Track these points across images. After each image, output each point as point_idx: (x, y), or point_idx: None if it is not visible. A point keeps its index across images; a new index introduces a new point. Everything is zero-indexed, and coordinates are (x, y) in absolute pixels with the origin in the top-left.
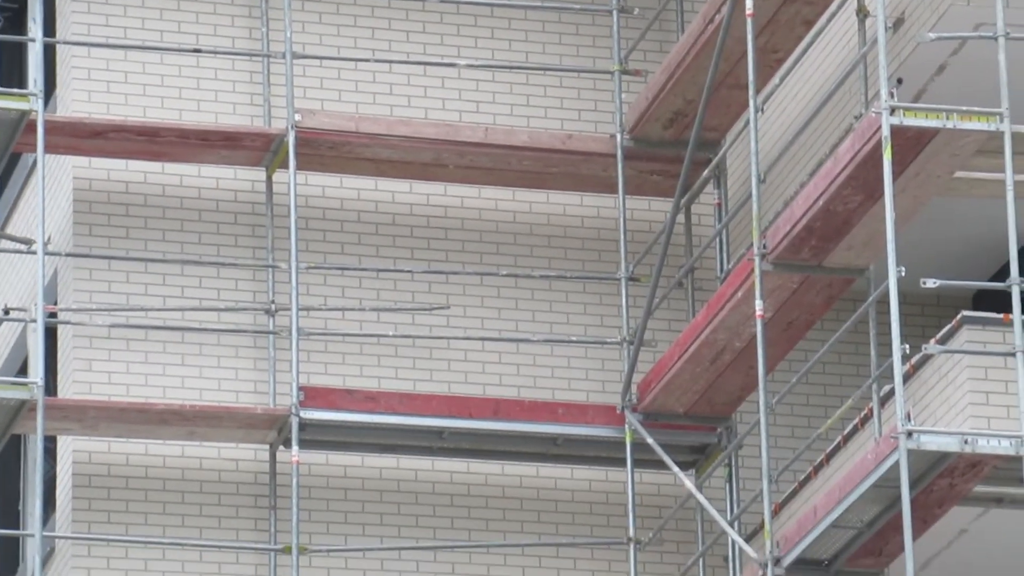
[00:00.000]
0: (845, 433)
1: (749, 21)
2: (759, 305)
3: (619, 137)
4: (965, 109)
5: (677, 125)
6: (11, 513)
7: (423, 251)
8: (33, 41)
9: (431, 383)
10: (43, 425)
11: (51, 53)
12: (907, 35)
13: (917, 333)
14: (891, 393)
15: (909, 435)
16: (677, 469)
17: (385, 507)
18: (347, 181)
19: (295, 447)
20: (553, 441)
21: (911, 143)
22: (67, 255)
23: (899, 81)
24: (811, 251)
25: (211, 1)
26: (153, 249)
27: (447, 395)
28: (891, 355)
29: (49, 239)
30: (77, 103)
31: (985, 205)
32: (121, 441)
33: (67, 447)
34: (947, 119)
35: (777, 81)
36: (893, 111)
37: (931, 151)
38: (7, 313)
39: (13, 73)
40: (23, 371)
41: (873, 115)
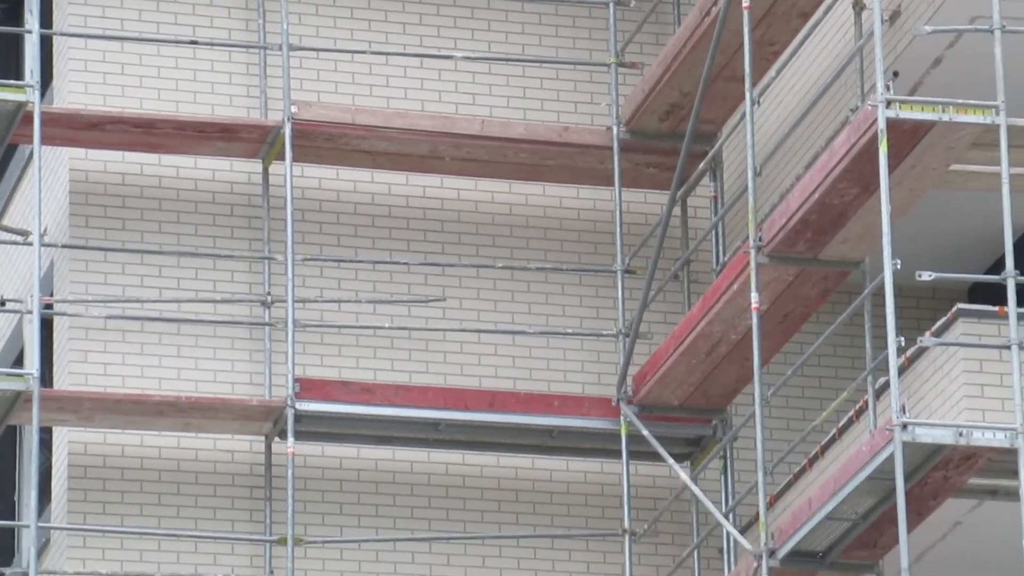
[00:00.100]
0: (840, 425)
1: (745, 13)
2: (755, 298)
3: (615, 129)
4: (961, 102)
5: (673, 118)
6: (7, 504)
7: (419, 243)
8: (30, 32)
9: (427, 375)
10: (39, 416)
11: (48, 44)
12: (903, 28)
13: (912, 326)
14: (886, 385)
15: (904, 427)
16: (672, 461)
17: (380, 498)
18: (343, 173)
19: (291, 438)
20: (549, 433)
21: (907, 136)
22: (63, 246)
23: (895, 74)
24: (807, 244)
25: None
26: (149, 241)
27: (443, 387)
28: (886, 348)
29: (45, 230)
30: (74, 95)
31: (981, 198)
32: (117, 432)
33: (63, 438)
34: (943, 112)
35: (773, 74)
36: (889, 104)
37: (927, 144)
38: (3, 304)
39: (10, 64)
40: (19, 362)
41: (869, 108)
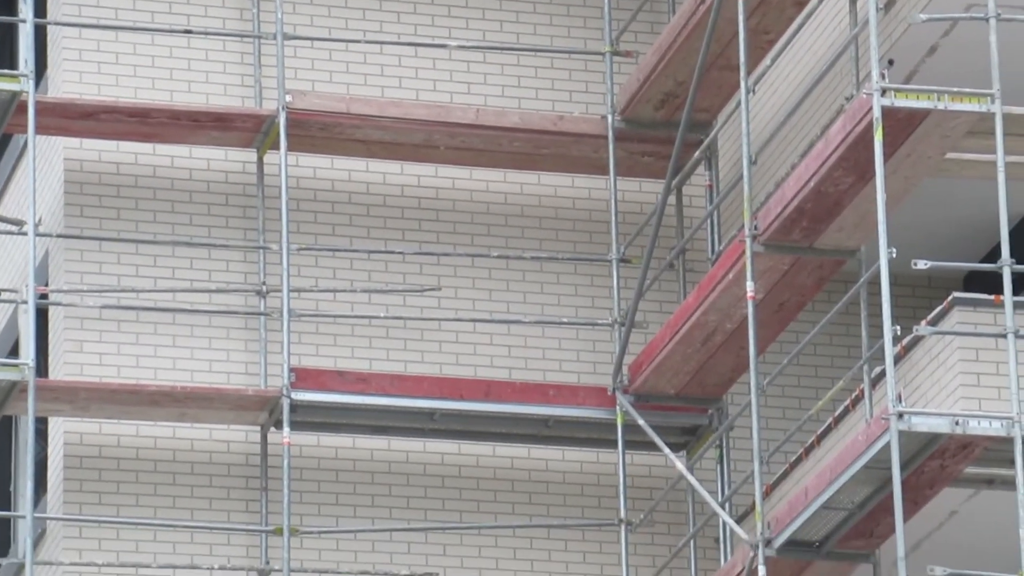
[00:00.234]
0: (836, 414)
1: (740, 2)
2: (750, 286)
3: (610, 118)
4: (956, 90)
5: (668, 106)
6: (3, 495)
7: (414, 232)
8: (24, 22)
9: (422, 364)
10: (34, 406)
11: (42, 34)
12: (898, 16)
13: (908, 314)
14: (882, 374)
15: (900, 416)
16: (668, 450)
17: (376, 488)
18: (338, 162)
19: (286, 428)
20: (544, 423)
21: (902, 124)
22: (58, 236)
23: (890, 62)
24: (802, 232)
25: None
26: (144, 230)
27: (438, 376)
28: (882, 336)
29: (40, 220)
30: (68, 84)
31: (976, 186)
32: (112, 422)
33: (58, 428)
34: (938, 100)
35: (768, 62)
36: (884, 92)
37: (922, 132)
38: None
39: (4, 54)
40: (14, 352)
41: (864, 96)
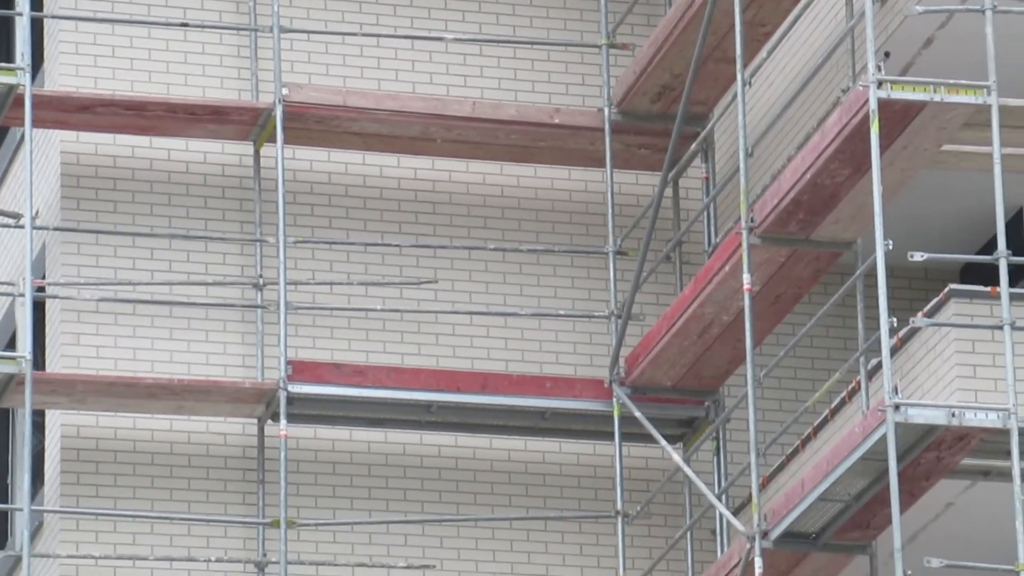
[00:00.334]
0: (833, 406)
1: None
2: (747, 279)
3: (607, 111)
4: (952, 82)
5: (665, 99)
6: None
7: (411, 225)
8: (20, 15)
9: (419, 357)
10: (31, 399)
11: (39, 27)
12: (894, 8)
13: (904, 306)
14: (879, 366)
15: (897, 408)
16: (665, 442)
17: (373, 481)
18: (335, 155)
19: (283, 421)
20: (541, 415)
21: (898, 116)
22: (55, 229)
23: (886, 54)
24: (799, 224)
25: None
26: (141, 223)
27: (435, 369)
28: (878, 328)
29: (37, 213)
30: (65, 77)
31: (972, 178)
32: (109, 415)
33: (55, 421)
34: (934, 92)
35: (764, 55)
36: (880, 84)
37: (918, 124)
38: None
39: (0, 47)
40: (11, 345)
41: (860, 88)
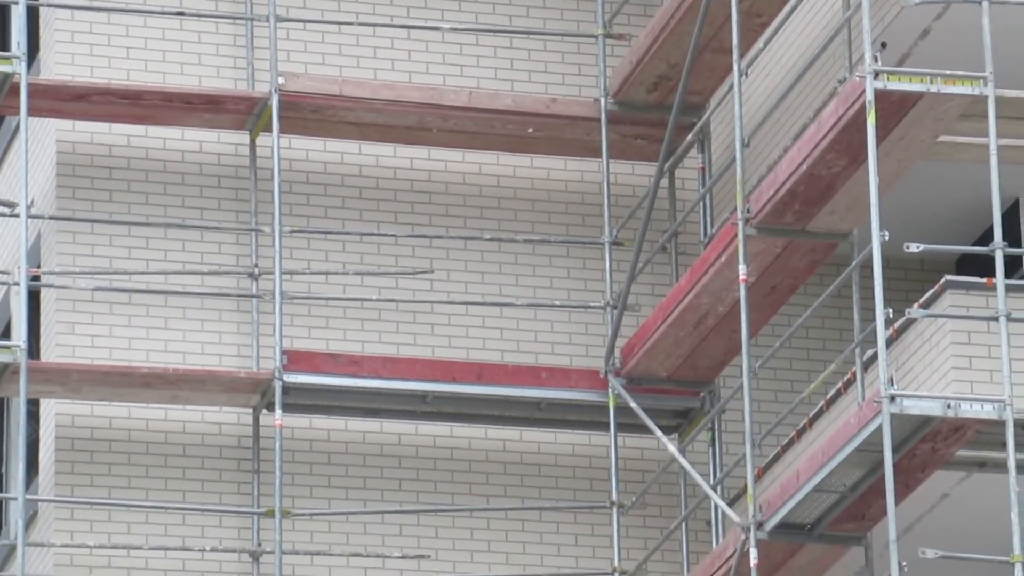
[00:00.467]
0: (828, 397)
1: None
2: (743, 269)
3: (603, 101)
4: (949, 73)
5: (661, 89)
6: None
7: (407, 215)
8: (16, 3)
9: (415, 347)
10: (26, 388)
11: (34, 15)
12: None
13: (900, 297)
14: (874, 357)
15: (892, 399)
16: (660, 433)
17: (368, 471)
18: (331, 145)
19: (278, 411)
20: (536, 405)
21: (895, 107)
22: (50, 218)
23: (883, 45)
24: (795, 215)
25: None
26: (136, 212)
27: (430, 359)
28: (874, 319)
29: (32, 202)
30: (60, 66)
31: (969, 169)
32: (104, 404)
33: (50, 410)
34: (931, 83)
35: (761, 45)
36: (877, 75)
37: (915, 115)
38: None
39: None
40: (6, 334)
41: (857, 79)
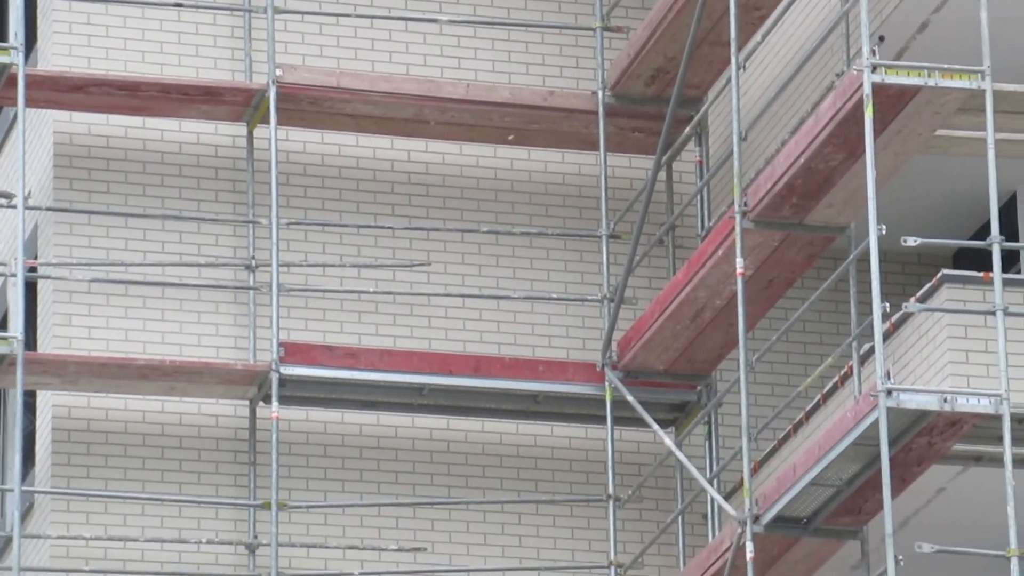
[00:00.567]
0: (825, 391)
1: None
2: (740, 263)
3: (600, 94)
4: (947, 67)
5: (659, 82)
6: None
7: (404, 207)
8: None
9: (411, 340)
10: (22, 379)
11: (32, 6)
12: None
13: (897, 291)
14: (871, 351)
15: (889, 393)
16: (657, 426)
17: (365, 463)
18: (328, 137)
19: (275, 403)
20: (533, 398)
21: (893, 101)
22: (47, 209)
23: (881, 39)
24: (792, 209)
25: None
26: (133, 204)
27: (427, 352)
28: (871, 313)
29: (29, 193)
30: (58, 57)
31: (966, 163)
32: (101, 396)
33: (47, 402)
34: (929, 77)
35: (759, 38)
36: (875, 69)
37: (912, 109)
38: None
39: None
40: (3, 325)
41: (855, 73)
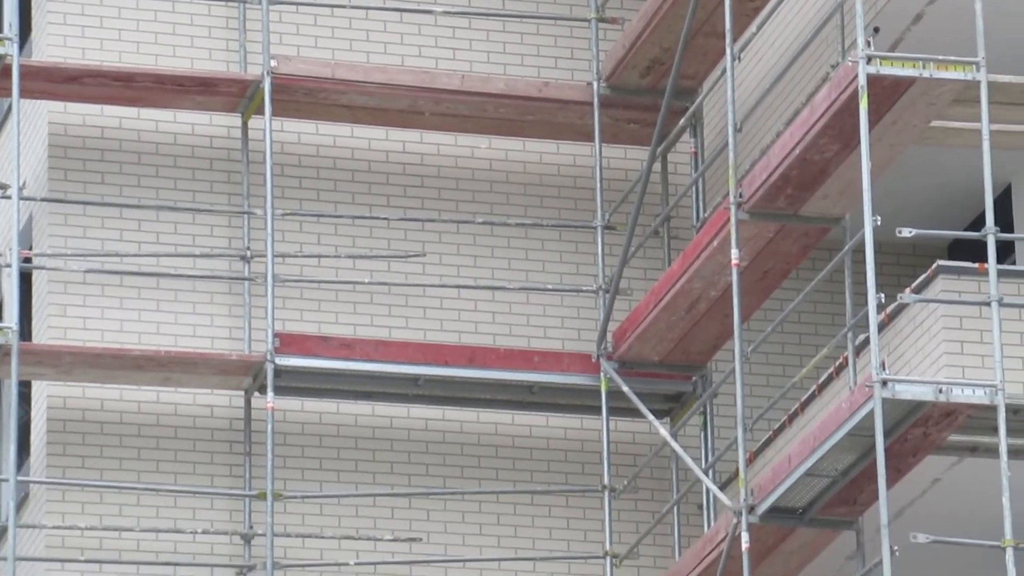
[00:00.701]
0: (820, 382)
1: None
2: (735, 254)
3: (595, 85)
4: (941, 58)
5: (654, 73)
6: None
7: (399, 198)
8: None
9: (406, 330)
10: (18, 370)
11: None
12: None
13: (892, 282)
14: (866, 342)
15: (884, 384)
16: (652, 417)
17: (360, 454)
18: (323, 128)
19: (270, 393)
20: (528, 389)
21: (887, 92)
22: (42, 200)
23: (876, 30)
24: (787, 200)
25: None
26: (128, 195)
27: (422, 342)
28: (866, 304)
29: (24, 184)
30: (52, 48)
31: (961, 154)
32: (96, 386)
33: (42, 392)
34: (923, 68)
35: (754, 30)
36: (870, 60)
37: (907, 100)
38: None
39: None
40: None
41: (850, 64)
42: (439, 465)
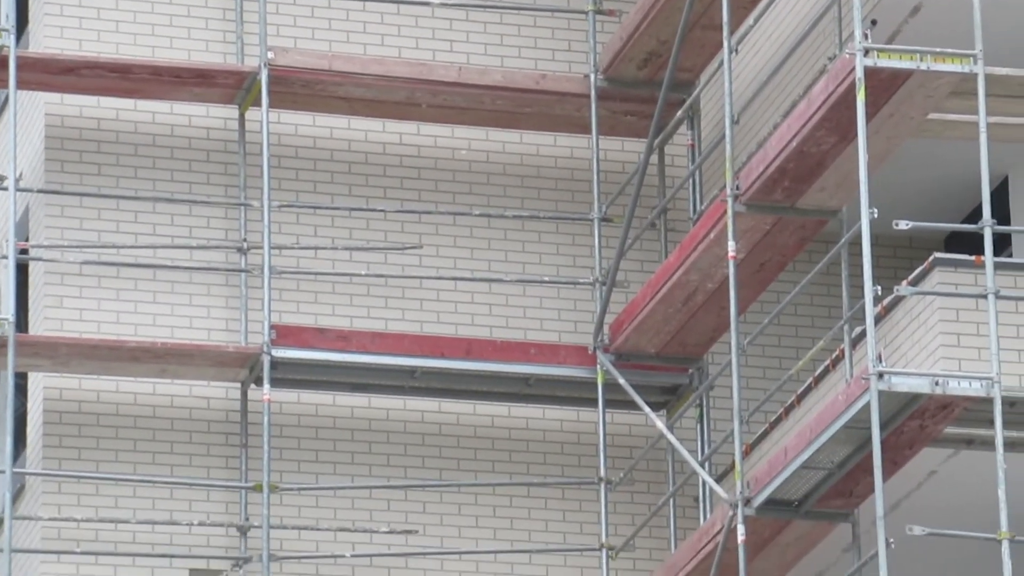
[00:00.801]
0: (816, 374)
1: None
2: (731, 246)
3: (593, 77)
4: (939, 51)
5: (651, 65)
6: None
7: (396, 190)
8: None
9: (403, 322)
10: (14, 361)
11: None
12: None
13: (889, 275)
14: (863, 334)
15: (880, 376)
16: (648, 409)
17: (356, 446)
18: (320, 119)
19: (266, 385)
20: (525, 381)
21: (885, 84)
22: (39, 191)
23: (873, 22)
24: (784, 192)
25: None
26: (125, 186)
27: (419, 334)
28: (863, 296)
29: (21, 175)
30: (49, 39)
31: (958, 147)
32: (92, 378)
33: (38, 384)
34: (921, 61)
35: (751, 22)
36: (867, 52)
37: (905, 93)
38: None
39: None
40: None
41: (847, 56)
42: (435, 457)
